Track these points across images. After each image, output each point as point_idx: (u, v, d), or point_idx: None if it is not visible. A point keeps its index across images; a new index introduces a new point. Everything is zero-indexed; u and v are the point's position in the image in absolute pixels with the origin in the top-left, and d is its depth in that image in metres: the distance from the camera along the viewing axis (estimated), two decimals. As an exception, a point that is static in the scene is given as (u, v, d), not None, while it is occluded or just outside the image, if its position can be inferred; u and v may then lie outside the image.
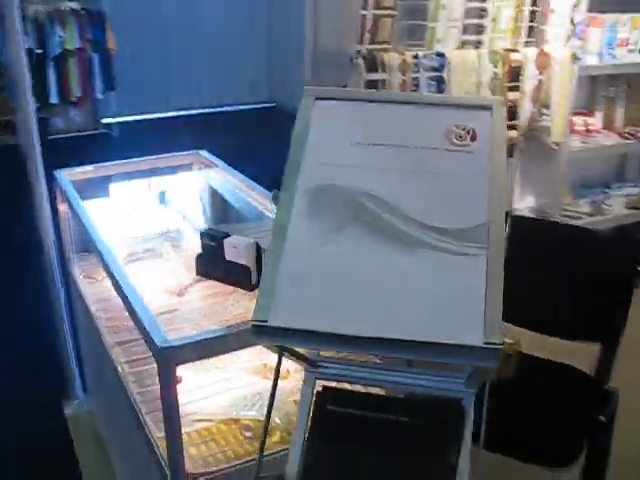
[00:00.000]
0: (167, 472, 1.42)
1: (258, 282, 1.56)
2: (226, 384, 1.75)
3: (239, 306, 1.90)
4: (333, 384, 1.17)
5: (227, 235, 1.53)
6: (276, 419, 1.56)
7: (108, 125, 6.40)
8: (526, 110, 3.03)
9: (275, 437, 1.56)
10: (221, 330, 1.34)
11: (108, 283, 2.26)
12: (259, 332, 0.84)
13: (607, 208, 3.75)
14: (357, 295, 0.83)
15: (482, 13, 2.75)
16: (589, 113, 3.64)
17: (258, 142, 5.74)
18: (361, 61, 2.52)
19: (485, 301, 0.81)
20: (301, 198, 0.89)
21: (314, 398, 1.16)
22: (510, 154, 3.11)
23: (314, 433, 1.14)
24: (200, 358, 1.35)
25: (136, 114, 6.65)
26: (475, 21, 2.76)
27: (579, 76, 3.09)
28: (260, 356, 1.80)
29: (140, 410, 1.64)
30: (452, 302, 0.82)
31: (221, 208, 2.50)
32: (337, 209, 0.89)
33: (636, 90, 3.70)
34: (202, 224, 2.37)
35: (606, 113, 3.66)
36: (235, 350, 1.38)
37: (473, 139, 0.93)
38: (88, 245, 2.21)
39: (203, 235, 1.57)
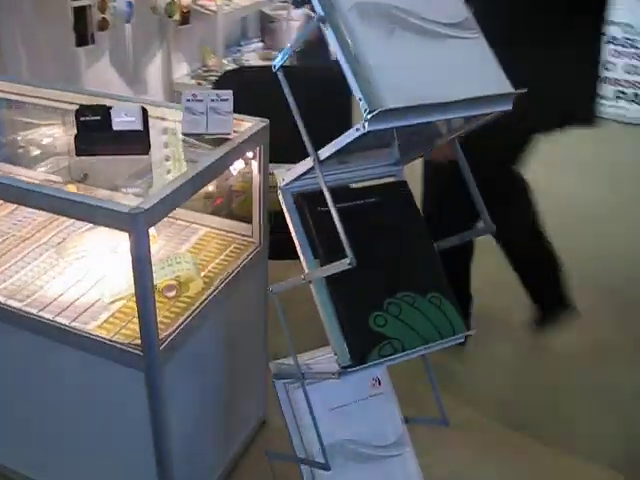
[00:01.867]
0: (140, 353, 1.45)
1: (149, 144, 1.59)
2: (102, 269, 1.73)
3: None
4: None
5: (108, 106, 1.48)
6: (191, 272, 1.66)
7: None
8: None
9: (198, 287, 1.67)
10: (178, 181, 1.38)
11: None
12: (378, 118, 1.03)
13: (246, 62, 4.21)
14: (432, 76, 1.10)
15: None
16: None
17: None
18: None
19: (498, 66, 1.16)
20: (350, 13, 1.08)
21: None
22: (186, 21, 3.27)
23: (321, 233, 1.36)
24: (166, 215, 1.38)
25: None
26: None
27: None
28: (105, 239, 1.81)
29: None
30: (484, 70, 1.15)
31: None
32: (381, 19, 1.10)
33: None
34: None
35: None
36: (192, 196, 1.43)
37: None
38: None
39: (80, 112, 1.47)
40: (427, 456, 1.72)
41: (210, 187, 2.08)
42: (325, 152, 1.18)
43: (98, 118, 1.46)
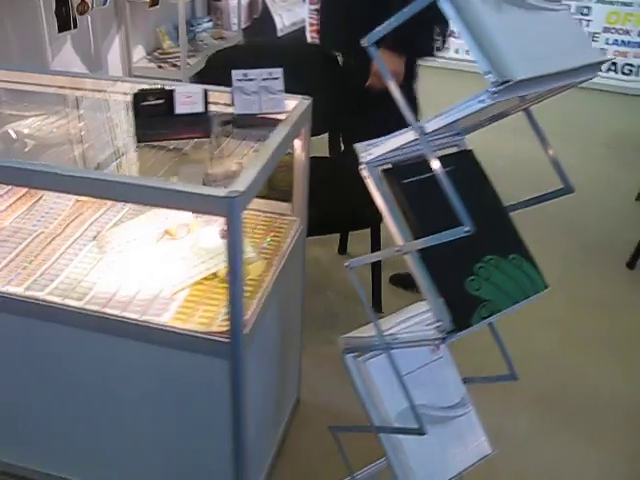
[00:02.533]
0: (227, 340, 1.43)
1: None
2: (151, 260, 1.69)
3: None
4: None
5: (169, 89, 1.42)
6: (251, 255, 1.65)
7: None
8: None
9: (259, 270, 1.66)
10: (263, 159, 1.37)
11: None
12: (503, 89, 1.06)
13: (202, 44, 4.11)
14: (541, 46, 1.13)
15: None
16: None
17: None
18: None
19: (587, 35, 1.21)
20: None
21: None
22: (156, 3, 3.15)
23: (411, 206, 1.38)
24: (253, 198, 1.36)
25: None
26: None
27: None
28: (151, 227, 1.77)
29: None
30: (577, 39, 1.20)
31: None
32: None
33: None
34: None
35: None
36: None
37: None
38: None
39: (140, 97, 1.40)
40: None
41: (234, 167, 2.05)
42: (433, 125, 1.20)
43: (160, 102, 1.40)
